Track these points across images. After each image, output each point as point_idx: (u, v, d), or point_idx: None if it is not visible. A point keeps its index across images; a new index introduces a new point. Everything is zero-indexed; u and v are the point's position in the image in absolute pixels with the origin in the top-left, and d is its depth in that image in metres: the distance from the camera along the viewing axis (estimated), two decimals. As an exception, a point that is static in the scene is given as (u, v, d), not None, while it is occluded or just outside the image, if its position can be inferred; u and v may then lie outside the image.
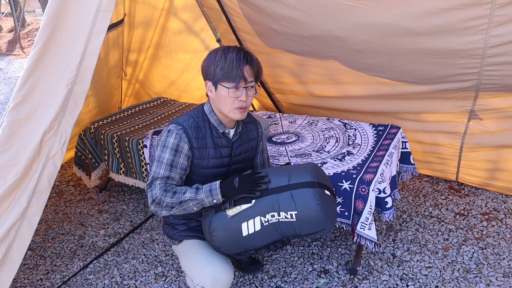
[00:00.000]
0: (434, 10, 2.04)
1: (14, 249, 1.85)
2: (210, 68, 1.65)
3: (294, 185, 1.61)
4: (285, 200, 1.60)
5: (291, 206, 1.59)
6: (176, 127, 1.68)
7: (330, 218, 1.64)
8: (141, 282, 2.26)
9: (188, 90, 3.89)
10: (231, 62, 1.61)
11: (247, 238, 1.64)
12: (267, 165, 2.02)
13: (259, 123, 1.94)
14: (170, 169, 1.67)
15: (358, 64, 2.72)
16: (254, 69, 1.67)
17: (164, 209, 1.66)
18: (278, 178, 1.65)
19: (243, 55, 1.63)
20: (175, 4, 3.32)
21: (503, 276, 2.15)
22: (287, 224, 1.62)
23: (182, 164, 1.68)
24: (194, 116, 1.73)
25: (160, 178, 1.66)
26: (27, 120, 1.86)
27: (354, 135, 2.62)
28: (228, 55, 1.62)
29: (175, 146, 1.66)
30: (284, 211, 1.60)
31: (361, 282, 2.17)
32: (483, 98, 2.50)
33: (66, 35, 1.89)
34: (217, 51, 1.66)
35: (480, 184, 2.91)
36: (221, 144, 1.75)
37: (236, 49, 1.65)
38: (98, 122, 2.96)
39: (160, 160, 1.67)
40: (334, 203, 1.72)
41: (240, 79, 1.62)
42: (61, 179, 3.42)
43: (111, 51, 3.06)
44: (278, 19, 2.61)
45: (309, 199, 1.59)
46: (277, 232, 1.64)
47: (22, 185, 1.84)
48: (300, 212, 1.59)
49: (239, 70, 1.60)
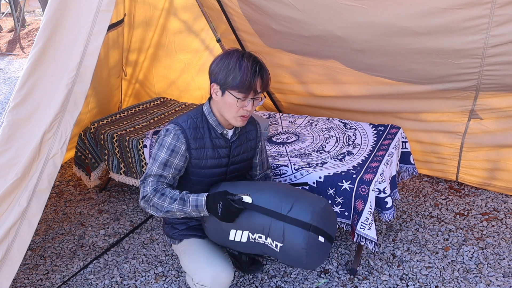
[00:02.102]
0: (434, 10, 2.04)
1: (14, 249, 1.85)
2: (221, 73, 1.62)
3: (291, 219, 1.58)
4: (276, 229, 1.59)
5: (279, 238, 1.58)
6: (175, 127, 1.68)
7: (315, 262, 1.64)
8: (141, 282, 2.26)
9: (188, 90, 3.89)
10: (245, 73, 1.59)
11: (233, 242, 1.68)
12: (266, 165, 2.02)
13: (258, 123, 1.94)
14: (164, 168, 1.67)
15: (358, 64, 2.72)
16: (265, 81, 1.66)
17: (151, 208, 1.67)
18: (281, 202, 1.62)
19: (258, 67, 1.61)
20: (175, 4, 3.32)
21: (503, 276, 2.15)
22: (270, 249, 1.63)
23: (176, 165, 1.69)
24: (193, 117, 1.73)
25: (153, 176, 1.68)
26: (27, 120, 1.86)
27: (354, 135, 2.62)
28: (243, 65, 1.59)
29: (171, 146, 1.67)
30: (271, 239, 1.60)
31: (361, 282, 2.17)
32: (483, 97, 2.50)
33: (66, 35, 1.89)
34: (231, 57, 1.62)
35: (480, 184, 2.91)
36: (220, 145, 1.75)
37: (251, 59, 1.62)
38: (98, 122, 2.96)
39: (155, 158, 1.68)
40: (327, 248, 1.67)
41: (250, 91, 1.61)
42: (61, 179, 3.42)
43: (111, 51, 3.07)
44: (278, 19, 2.61)
45: (297, 240, 1.56)
46: (260, 250, 1.67)
47: (22, 185, 1.84)
48: (286, 246, 1.58)
49: (252, 83, 1.59)
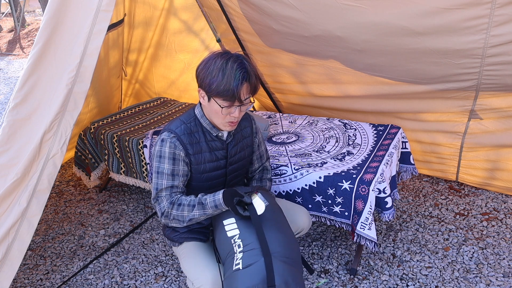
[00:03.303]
0: (434, 9, 2.04)
1: (14, 249, 1.85)
2: (205, 79, 1.57)
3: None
4: (252, 255, 1.53)
5: (246, 263, 1.52)
6: (169, 135, 1.65)
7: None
8: (141, 282, 2.26)
9: (188, 90, 3.89)
10: (228, 81, 1.52)
11: (220, 228, 1.68)
12: (265, 158, 2.01)
13: (253, 119, 1.90)
14: (173, 178, 1.66)
15: (358, 64, 2.72)
16: (252, 86, 1.59)
17: (173, 221, 1.67)
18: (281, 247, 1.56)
19: (242, 74, 1.53)
20: (175, 4, 3.32)
21: (503, 276, 2.15)
22: (230, 261, 1.59)
23: (183, 171, 1.68)
24: (186, 122, 1.70)
25: (165, 189, 1.65)
26: (27, 120, 1.86)
27: (354, 135, 2.62)
28: (226, 72, 1.52)
29: (171, 155, 1.65)
30: (242, 255, 1.55)
31: (361, 282, 2.17)
32: (483, 97, 2.50)
33: (66, 35, 1.89)
34: (215, 62, 1.56)
35: (480, 184, 2.91)
36: (216, 147, 1.74)
37: (235, 64, 1.54)
38: (98, 122, 2.96)
39: (159, 171, 1.65)
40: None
41: (235, 100, 1.56)
42: (61, 179, 3.42)
43: (111, 51, 3.07)
44: (278, 18, 2.61)
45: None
46: (225, 253, 1.65)
47: (22, 185, 1.84)
48: (243, 272, 1.53)
49: (235, 92, 1.53)
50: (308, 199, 2.20)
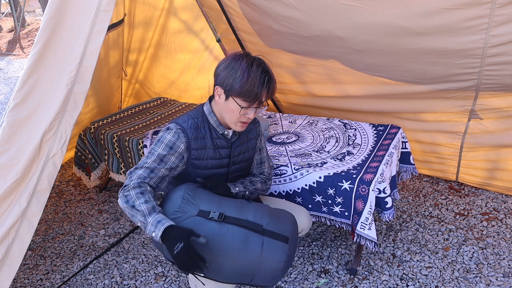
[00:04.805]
0: (434, 9, 2.04)
1: (14, 249, 1.85)
2: (227, 78, 1.59)
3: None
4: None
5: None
6: (176, 126, 1.67)
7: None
8: (141, 282, 2.26)
9: (188, 90, 3.89)
10: (253, 84, 1.56)
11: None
12: (267, 163, 2.02)
13: (258, 122, 1.92)
14: (159, 163, 1.64)
15: (358, 64, 2.72)
16: (271, 91, 1.63)
17: (122, 197, 1.59)
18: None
19: (267, 78, 1.59)
20: (175, 4, 3.32)
21: (503, 276, 2.15)
22: None
23: (172, 163, 1.66)
24: (194, 117, 1.72)
25: (145, 168, 1.63)
26: (27, 120, 1.86)
27: (354, 135, 2.62)
28: (251, 75, 1.56)
29: (170, 144, 1.65)
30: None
31: (361, 282, 2.17)
32: (483, 97, 2.50)
33: (66, 35, 1.89)
34: (240, 63, 1.58)
35: (480, 184, 2.90)
36: (221, 145, 1.74)
37: (260, 68, 1.59)
38: (98, 122, 2.96)
39: (151, 152, 1.66)
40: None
41: (256, 101, 1.60)
42: (61, 179, 3.42)
43: (111, 51, 3.07)
44: (278, 19, 2.61)
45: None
46: None
47: (22, 185, 1.84)
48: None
49: (258, 94, 1.58)
50: (308, 199, 2.20)
